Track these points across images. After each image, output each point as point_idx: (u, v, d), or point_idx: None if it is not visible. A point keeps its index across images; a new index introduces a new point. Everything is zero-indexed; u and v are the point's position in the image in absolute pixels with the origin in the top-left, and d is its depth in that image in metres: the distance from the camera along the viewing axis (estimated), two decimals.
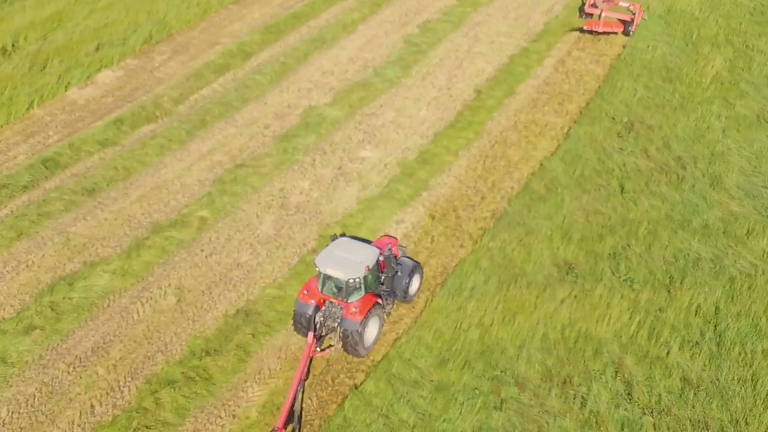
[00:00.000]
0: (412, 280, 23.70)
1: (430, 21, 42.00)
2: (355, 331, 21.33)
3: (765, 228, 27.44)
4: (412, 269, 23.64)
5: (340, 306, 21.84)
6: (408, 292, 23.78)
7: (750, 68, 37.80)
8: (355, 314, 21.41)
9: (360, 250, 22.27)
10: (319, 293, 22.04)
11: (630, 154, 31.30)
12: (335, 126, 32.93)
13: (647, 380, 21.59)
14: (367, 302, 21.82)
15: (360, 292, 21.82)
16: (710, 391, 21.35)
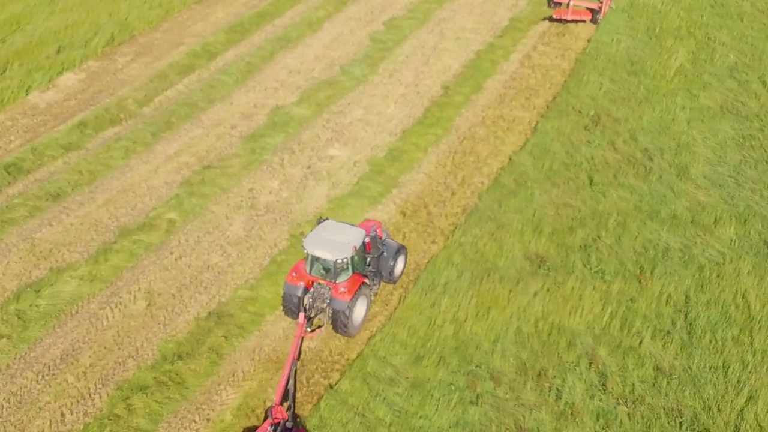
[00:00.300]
0: (397, 261, 24.16)
1: (396, 18, 41.95)
2: (344, 311, 21.80)
3: (732, 217, 27.76)
4: (397, 250, 24.08)
5: (329, 287, 22.19)
6: (393, 273, 24.19)
7: (712, 60, 38.26)
8: (343, 294, 21.87)
9: (346, 232, 22.67)
10: (307, 275, 22.40)
11: (598, 147, 31.51)
12: (303, 125, 32.72)
13: (621, 370, 21.71)
14: (354, 282, 22.26)
15: (347, 273, 22.24)
16: (683, 379, 21.53)
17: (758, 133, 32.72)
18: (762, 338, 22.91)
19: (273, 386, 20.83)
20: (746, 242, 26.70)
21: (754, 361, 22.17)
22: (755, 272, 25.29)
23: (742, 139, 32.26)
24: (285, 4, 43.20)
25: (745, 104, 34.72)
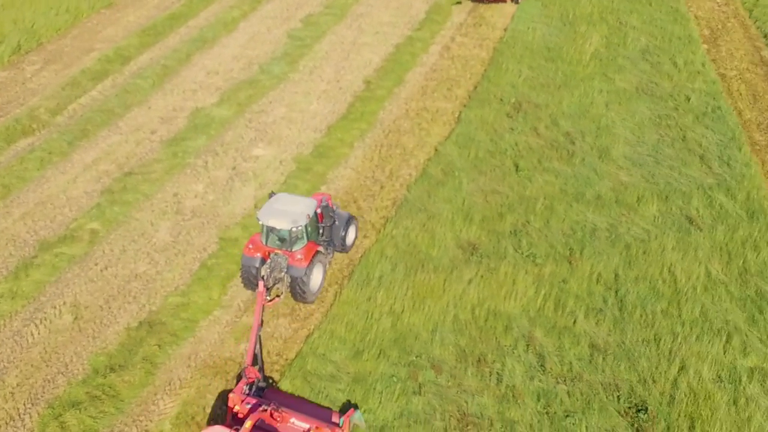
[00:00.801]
0: (348, 231, 25.10)
1: (313, 14, 41.65)
2: (301, 277, 22.68)
3: (653, 194, 28.47)
4: (347, 220, 24.95)
5: (285, 256, 22.89)
6: (345, 242, 25.10)
7: (625, 44, 39.23)
8: (300, 261, 22.69)
9: (299, 202, 23.47)
10: (263, 246, 23.08)
11: (521, 134, 31.91)
12: (225, 126, 32.14)
13: (558, 350, 22.00)
14: (310, 250, 23.07)
15: (303, 241, 23.05)
16: (617, 354, 21.95)
17: (673, 112, 33.68)
18: (689, 309, 23.56)
19: (212, 392, 20.38)
20: (669, 218, 27.42)
21: (683, 332, 22.76)
22: (679, 247, 25.99)
23: (658, 119, 33.14)
24: (198, 5, 42.40)
25: (658, 85, 35.71)
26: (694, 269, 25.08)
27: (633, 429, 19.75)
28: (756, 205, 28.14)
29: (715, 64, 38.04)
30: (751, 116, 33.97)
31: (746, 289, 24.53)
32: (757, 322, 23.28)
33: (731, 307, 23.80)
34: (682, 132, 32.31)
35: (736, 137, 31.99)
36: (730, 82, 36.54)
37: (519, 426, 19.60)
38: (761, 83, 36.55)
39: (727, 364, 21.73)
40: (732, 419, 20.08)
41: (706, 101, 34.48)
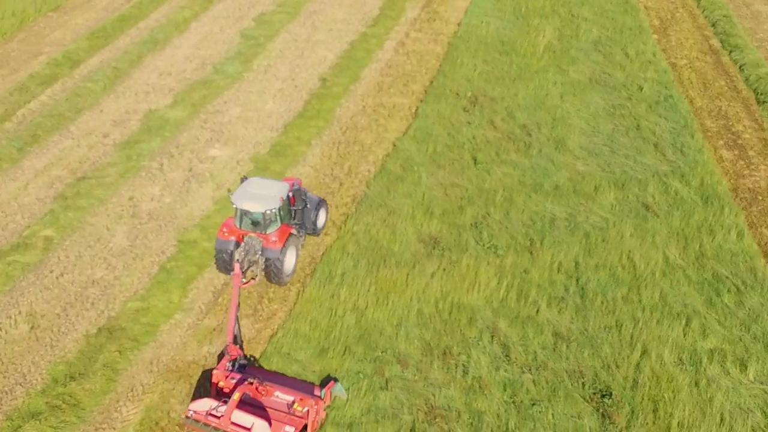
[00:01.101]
0: (319, 214, 25.54)
1: (266, 13, 41.32)
2: (276, 259, 23.01)
3: (610, 183, 28.81)
4: (318, 203, 25.40)
5: (259, 238, 23.21)
6: (317, 225, 25.53)
7: (577, 36, 39.66)
8: (274, 243, 23.06)
9: (271, 186, 23.80)
10: (237, 230, 23.35)
11: (478, 127, 32.04)
12: (180, 127, 31.70)
13: (522, 340, 22.11)
14: (283, 232, 23.46)
15: (276, 224, 23.34)
16: (580, 341, 22.13)
17: (626, 102, 34.14)
18: (649, 295, 23.88)
19: (176, 396, 20.06)
20: (626, 206, 27.76)
21: (644, 317, 23.06)
22: (637, 234, 26.33)
23: (612, 109, 33.57)
24: (148, 6, 41.77)
25: (611, 75, 36.17)
26: (653, 255, 25.42)
27: (598, 414, 19.93)
28: (710, 191, 28.65)
29: (666, 53, 38.66)
30: (702, 104, 34.58)
31: (703, 272, 24.94)
32: (715, 304, 23.68)
33: (689, 290, 24.18)
34: (636, 121, 32.75)
35: (688, 125, 32.54)
36: (680, 71, 37.16)
37: (486, 416, 19.64)
38: (711, 71, 37.24)
39: (687, 347, 22.06)
40: (694, 400, 20.38)
41: (658, 90, 35.03)
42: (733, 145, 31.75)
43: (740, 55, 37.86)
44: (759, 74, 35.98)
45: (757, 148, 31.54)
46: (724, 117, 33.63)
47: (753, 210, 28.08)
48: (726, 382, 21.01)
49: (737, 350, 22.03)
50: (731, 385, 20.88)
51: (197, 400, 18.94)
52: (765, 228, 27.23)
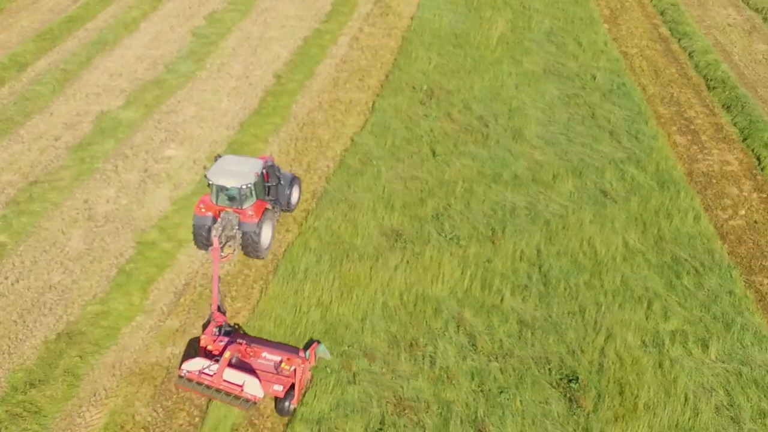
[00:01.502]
0: (293, 190, 26.20)
1: (217, 11, 40.83)
2: (253, 232, 23.69)
3: (568, 171, 29.07)
4: (291, 180, 26.05)
5: (236, 213, 23.81)
6: (290, 202, 26.25)
7: (530, 27, 39.97)
8: (251, 217, 23.67)
9: (246, 162, 24.42)
10: (214, 206, 23.93)
11: (435, 120, 32.07)
12: (133, 128, 31.13)
13: (487, 329, 22.17)
14: (259, 207, 24.03)
15: (252, 199, 23.95)
16: (545, 328, 22.27)
17: (580, 91, 34.50)
18: (610, 279, 24.14)
19: (140, 399, 19.67)
20: (584, 193, 28.05)
21: (606, 302, 23.31)
22: (596, 220, 26.62)
23: (567, 98, 33.89)
24: (96, 7, 40.96)
25: (565, 65, 36.52)
26: (613, 240, 25.72)
27: (566, 399, 20.07)
28: (665, 176, 29.09)
29: (617, 42, 39.18)
30: (654, 91, 35.12)
31: (662, 256, 25.31)
32: (675, 287, 24.04)
33: (650, 274, 24.51)
34: (590, 109, 33.12)
35: (642, 112, 33.02)
36: (632, 59, 37.70)
37: (455, 405, 19.64)
38: (661, 59, 37.83)
39: (650, 330, 22.36)
40: (659, 381, 20.66)
41: (611, 79, 35.47)
42: (686, 131, 32.28)
43: (689, 43, 38.54)
44: (708, 60, 36.66)
45: (709, 132, 32.12)
46: (676, 103, 34.19)
47: (708, 193, 28.59)
48: (689, 362, 21.34)
49: (698, 331, 22.40)
50: (694, 366, 21.21)
51: (189, 360, 19.54)
52: (720, 210, 27.74)
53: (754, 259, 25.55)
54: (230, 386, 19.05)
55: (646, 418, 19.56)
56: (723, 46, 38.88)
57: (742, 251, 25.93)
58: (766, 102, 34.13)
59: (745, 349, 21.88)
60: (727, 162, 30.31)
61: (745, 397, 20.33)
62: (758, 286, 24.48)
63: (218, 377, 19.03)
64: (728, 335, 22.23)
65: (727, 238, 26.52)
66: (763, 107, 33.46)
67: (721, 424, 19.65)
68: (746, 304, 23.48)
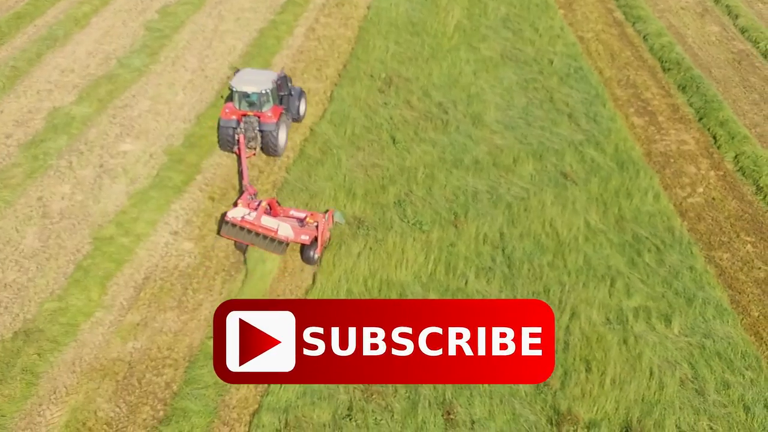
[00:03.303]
0: (301, 102, 30.33)
1: (170, 5, 40.15)
2: (272, 132, 27.85)
3: (528, 155, 29.11)
4: (300, 93, 30.19)
5: (256, 117, 27.83)
6: (299, 112, 30.32)
7: (486, 14, 39.97)
8: (270, 118, 27.82)
9: (263, 72, 29.24)
10: (237, 111, 28.00)
11: (394, 108, 31.90)
12: (87, 124, 30.46)
13: None
14: (276, 110, 28.22)
15: (269, 104, 28.09)
16: None
17: (538, 75, 34.59)
18: (573, 260, 24.21)
19: (102, 395, 19.26)
20: (545, 176, 28.12)
21: (570, 281, 23.37)
22: (557, 202, 26.69)
23: (525, 83, 33.96)
24: (45, 3, 39.98)
25: (522, 51, 36.60)
26: (574, 221, 25.81)
27: None
28: (624, 156, 29.29)
29: (573, 27, 39.40)
30: (611, 74, 35.36)
31: (624, 235, 25.47)
32: (637, 264, 24.21)
33: (612, 253, 24.64)
34: (548, 94, 33.23)
35: (599, 94, 33.22)
36: (588, 44, 37.93)
37: (423, 389, 19.50)
38: (616, 43, 38.14)
39: (614, 307, 22.47)
40: (624, 357, 20.76)
41: (568, 63, 35.63)
42: (643, 112, 32.57)
43: (643, 26, 38.90)
44: (662, 43, 37.03)
45: (666, 113, 32.43)
46: (632, 86, 34.48)
47: (666, 172, 28.86)
48: (653, 337, 21.49)
49: (661, 306, 22.57)
50: (658, 341, 21.36)
51: (233, 209, 23.96)
52: (679, 189, 28.02)
53: (713, 236, 25.85)
54: (267, 230, 23.04)
55: (613, 393, 19.64)
56: (676, 28, 39.32)
57: (701, 228, 26.22)
58: (719, 82, 34.57)
59: (707, 323, 22.10)
60: (684, 142, 30.64)
61: (708, 370, 20.54)
62: (718, 261, 24.76)
63: (257, 220, 23.14)
64: (690, 310, 22.44)
65: (686, 215, 26.80)
66: (717, 87, 33.89)
67: (687, 396, 19.82)
68: (707, 279, 23.73)
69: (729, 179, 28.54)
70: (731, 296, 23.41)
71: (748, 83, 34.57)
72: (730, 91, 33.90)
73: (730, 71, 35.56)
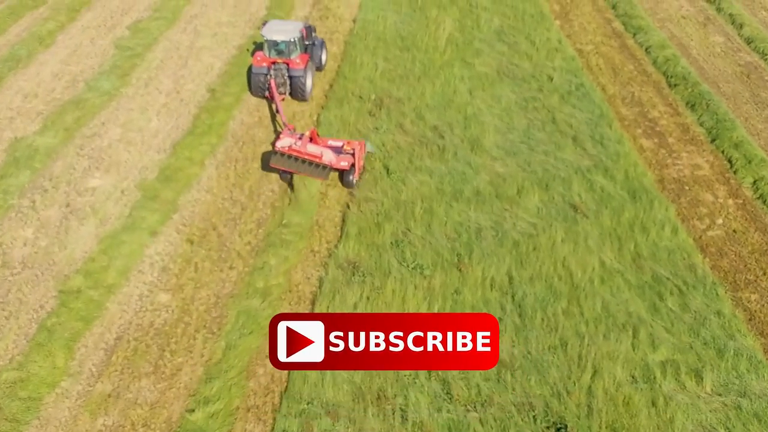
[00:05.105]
0: (323, 52, 32.86)
1: (141, 20, 37.53)
2: (300, 77, 30.23)
3: (533, 184, 26.94)
4: (322, 43, 32.80)
5: (285, 64, 30.17)
6: (321, 61, 32.85)
7: (479, 26, 37.72)
8: (299, 64, 30.20)
9: (290, 23, 31.89)
10: (267, 58, 30.36)
11: (387, 132, 29.57)
12: (52, 156, 27.91)
13: (462, 374, 19.79)
14: (304, 57, 30.61)
15: (297, 52, 30.42)
16: (525, 367, 20.07)
17: (538, 94, 32.42)
18: (590, 306, 22.08)
19: None
20: (552, 208, 25.95)
21: (588, 332, 21.23)
22: (568, 238, 24.53)
23: (524, 102, 31.76)
24: (6, 20, 37.24)
25: (518, 66, 34.41)
26: (588, 261, 23.67)
27: None
28: (635, 184, 27.20)
29: (571, 39, 37.26)
30: (614, 91, 33.26)
31: (642, 275, 23.37)
32: (659, 309, 22.12)
33: (631, 296, 22.54)
34: (550, 114, 31.07)
35: (604, 114, 31.10)
36: (588, 57, 35.81)
37: None
38: (617, 55, 36.05)
39: (638, 362, 20.32)
40: (654, 423, 18.66)
41: (569, 79, 33.48)
42: (651, 133, 30.49)
43: (645, 37, 36.85)
44: (666, 56, 34.99)
45: (676, 134, 30.39)
46: (638, 103, 32.40)
47: (682, 201, 26.80)
48: (683, 397, 19.39)
49: (690, 360, 20.46)
50: (689, 401, 19.26)
51: (280, 139, 26.06)
52: (697, 220, 25.97)
53: (738, 273, 23.81)
54: (313, 156, 25.29)
55: None
56: (679, 39, 37.29)
57: (724, 265, 24.17)
58: (729, 98, 32.57)
59: (741, 379, 20.02)
60: (698, 166, 28.60)
61: None
62: (746, 304, 22.72)
63: (303, 148, 25.34)
64: (722, 363, 20.35)
65: (707, 250, 24.74)
66: (727, 104, 31.87)
67: None
68: (736, 326, 21.66)
69: (749, 208, 26.52)
70: (764, 345, 21.37)
71: (759, 99, 32.61)
72: (741, 108, 31.90)
73: (739, 86, 33.58)
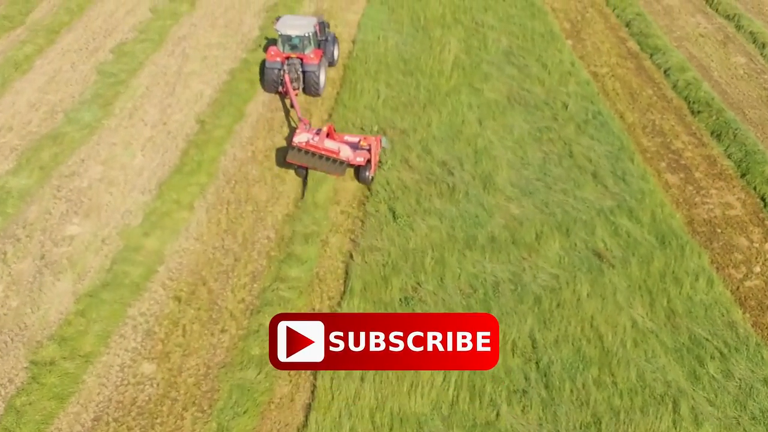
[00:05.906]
0: (335, 47, 32.74)
1: (126, 42, 35.05)
2: (313, 72, 30.15)
3: (552, 228, 24.66)
4: (334, 38, 32.71)
5: (299, 59, 30.13)
6: (334, 56, 32.67)
7: (486, 47, 35.34)
8: (312, 59, 30.15)
9: (304, 18, 31.88)
10: (281, 53, 30.27)
11: (391, 169, 27.20)
12: (26, 199, 25.50)
13: None
14: (317, 52, 30.61)
15: (311, 47, 30.35)
16: None
17: (552, 123, 30.10)
18: (624, 375, 19.86)
19: None
20: (575, 256, 23.68)
21: (624, 406, 19.05)
22: (595, 292, 22.29)
23: (538, 133, 29.44)
24: None
25: (530, 91, 32.08)
26: (618, 319, 21.44)
27: None
28: (664, 227, 24.96)
29: (584, 61, 34.96)
30: (633, 119, 30.98)
31: (679, 336, 21.15)
32: (700, 378, 19.91)
33: (668, 362, 20.32)
34: (567, 146, 28.76)
35: (624, 146, 28.82)
36: (603, 81, 33.51)
37: None
38: (635, 79, 33.77)
39: None
40: None
41: (585, 106, 31.15)
42: (676, 167, 28.24)
43: (662, 58, 34.58)
44: (687, 79, 32.73)
45: (703, 168, 28.16)
46: (660, 133, 30.13)
47: (715, 247, 24.57)
48: None
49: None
50: None
51: (297, 134, 26.04)
52: (732, 269, 23.75)
53: None
54: (330, 152, 25.30)
55: None
56: (699, 60, 35.05)
57: (767, 321, 21.96)
58: (757, 126, 30.37)
59: None
60: (729, 205, 26.38)
61: None
62: None
63: (321, 143, 25.37)
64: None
65: (746, 304, 22.54)
66: (755, 133, 29.67)
67: None
68: None
69: None
70: None
71: None
72: None
73: (767, 112, 31.36)
